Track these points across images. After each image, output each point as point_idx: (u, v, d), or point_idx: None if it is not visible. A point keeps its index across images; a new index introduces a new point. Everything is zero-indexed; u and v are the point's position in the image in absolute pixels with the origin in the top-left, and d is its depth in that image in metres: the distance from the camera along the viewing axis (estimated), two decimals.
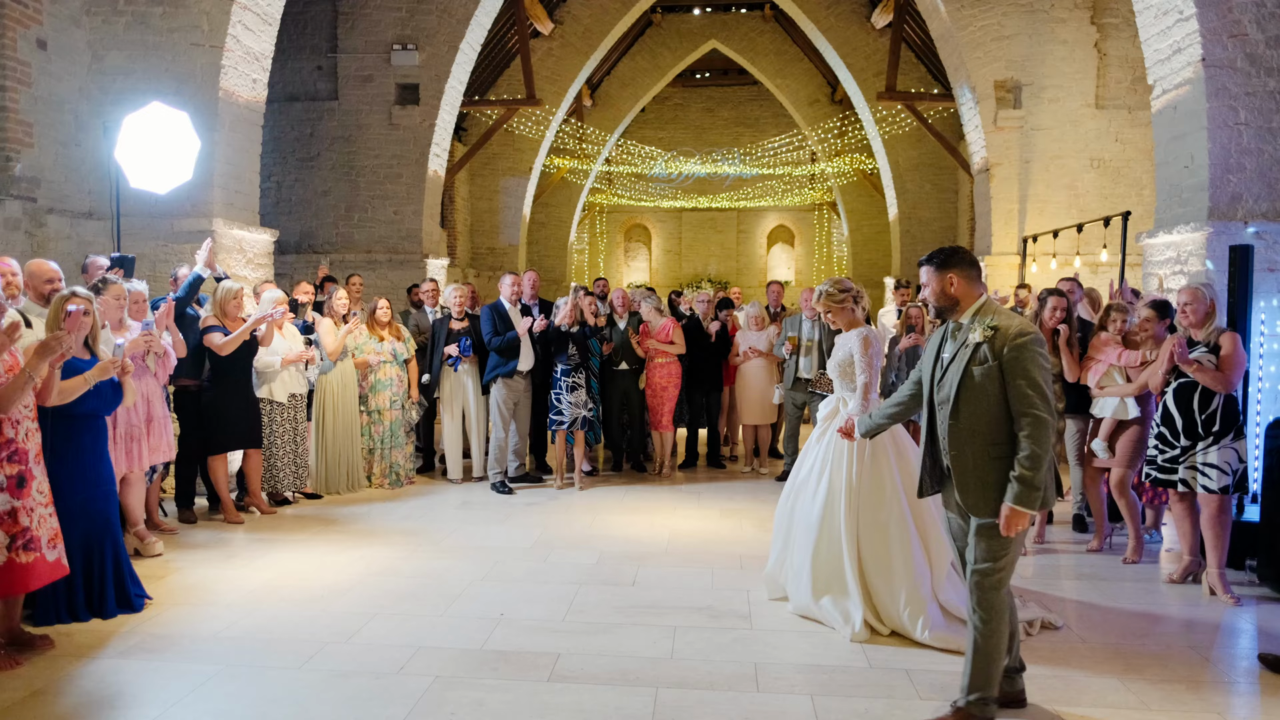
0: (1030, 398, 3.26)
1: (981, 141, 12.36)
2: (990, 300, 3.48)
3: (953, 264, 3.46)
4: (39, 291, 4.92)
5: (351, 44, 12.20)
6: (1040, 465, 3.26)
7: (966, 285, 3.45)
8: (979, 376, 3.35)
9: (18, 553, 3.91)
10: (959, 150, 14.75)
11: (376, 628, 4.50)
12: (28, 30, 6.96)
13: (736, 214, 25.85)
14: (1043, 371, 3.28)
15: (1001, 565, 3.40)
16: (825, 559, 4.65)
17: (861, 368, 4.73)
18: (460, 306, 7.94)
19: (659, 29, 19.88)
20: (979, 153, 12.58)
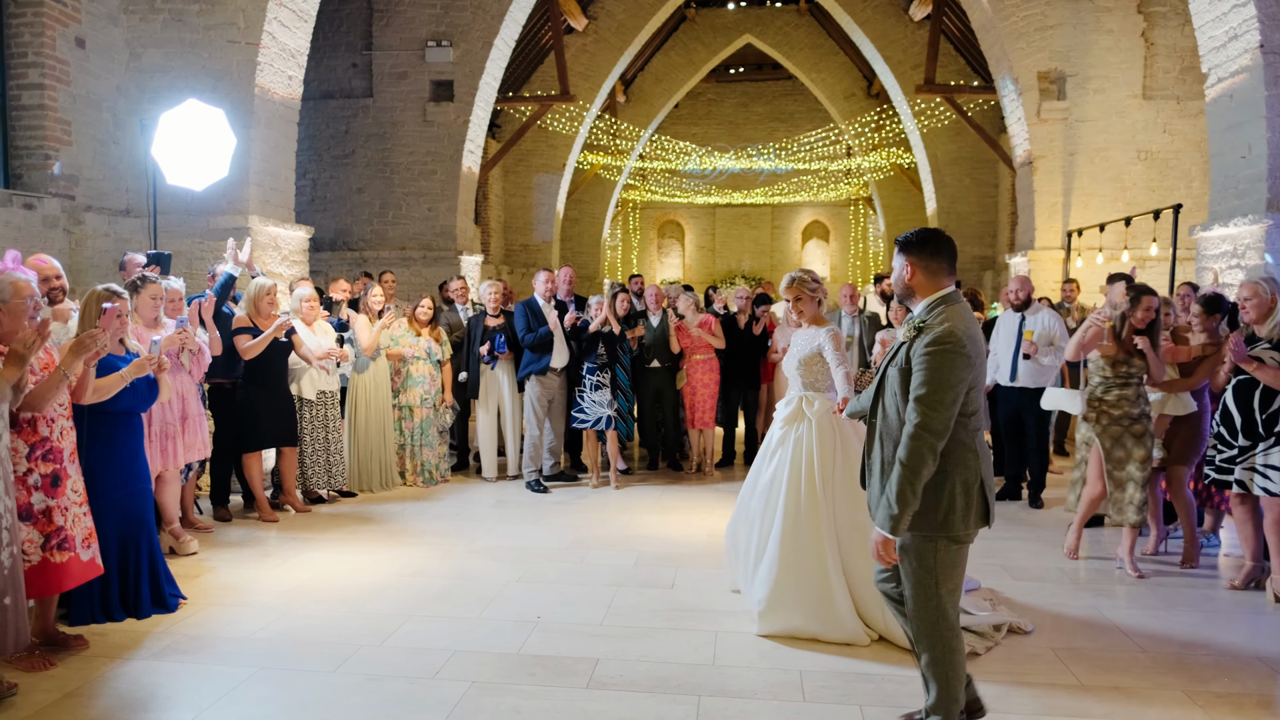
0: (914, 410, 2.93)
1: (1024, 134, 12.07)
2: (954, 296, 3.07)
3: (912, 250, 3.13)
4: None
5: (386, 41, 12.19)
6: (903, 486, 2.93)
7: (924, 276, 3.11)
8: (893, 378, 3.10)
9: (52, 552, 3.88)
10: (999, 143, 14.45)
11: (411, 630, 4.43)
12: (66, 29, 6.99)
13: (771, 210, 25.60)
14: (946, 388, 2.90)
15: (947, 598, 3.07)
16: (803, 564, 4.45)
17: (837, 360, 4.66)
18: (495, 303, 7.87)
19: (693, 24, 19.71)
20: (1021, 145, 12.29)
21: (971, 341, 2.97)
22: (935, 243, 3.13)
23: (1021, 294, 7.28)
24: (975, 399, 3.03)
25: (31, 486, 3.84)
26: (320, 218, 12.08)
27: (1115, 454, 5.41)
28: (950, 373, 2.91)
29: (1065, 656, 4.15)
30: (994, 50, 12.22)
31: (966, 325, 2.99)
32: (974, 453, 3.04)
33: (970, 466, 3.02)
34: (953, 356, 2.92)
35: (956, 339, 2.93)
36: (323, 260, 11.94)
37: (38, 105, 6.84)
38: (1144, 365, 5.39)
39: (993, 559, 5.71)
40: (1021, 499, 7.39)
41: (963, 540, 3.07)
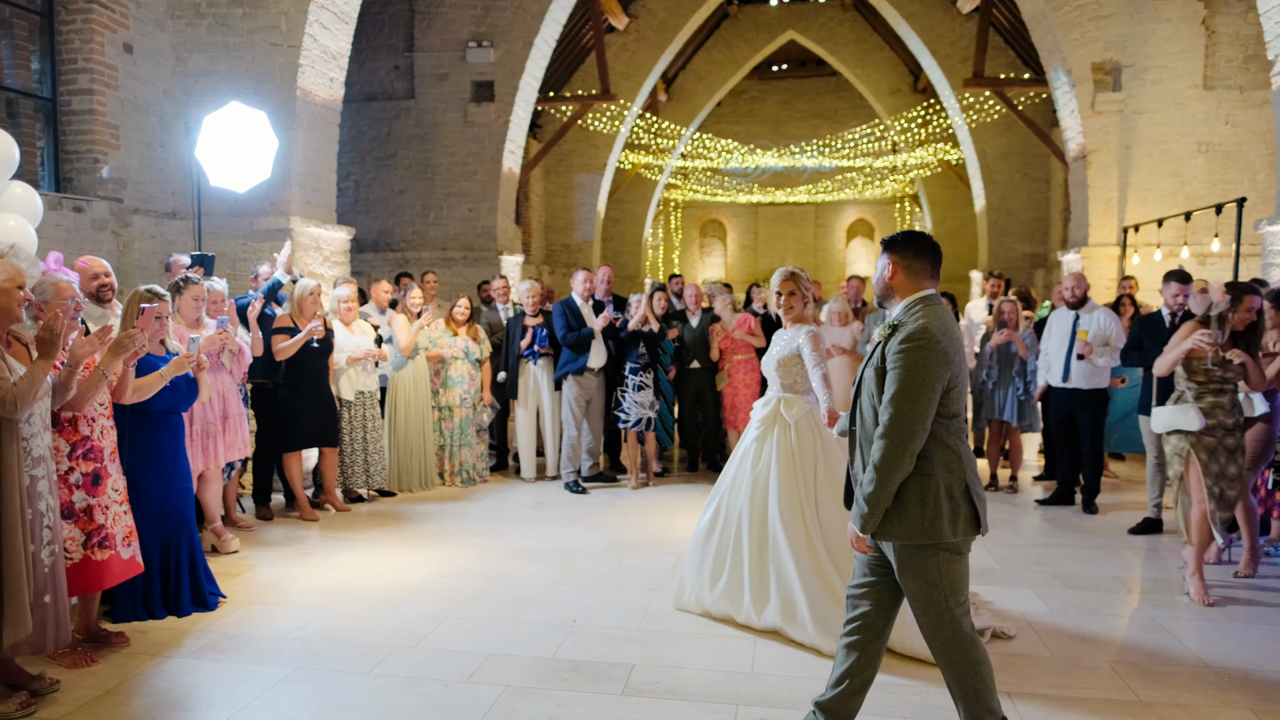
0: (886, 409, 2.84)
1: (1078, 127, 11.74)
2: (934, 298, 2.98)
3: (896, 248, 3.05)
4: (86, 290, 4.87)
5: (428, 43, 12.26)
6: (876, 487, 2.84)
7: (905, 276, 3.02)
8: (869, 379, 3.00)
9: (93, 550, 3.91)
10: (1051, 137, 14.10)
11: (446, 632, 4.39)
12: (115, 35, 7.11)
13: (814, 208, 25.33)
14: (922, 385, 2.80)
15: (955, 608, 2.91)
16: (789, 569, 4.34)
17: (814, 361, 4.52)
18: (533, 304, 7.83)
19: (735, 21, 19.56)
20: (1075, 139, 11.96)
21: (949, 339, 2.87)
22: (920, 243, 3.05)
23: (1077, 291, 7.05)
24: (957, 400, 2.92)
25: (73, 485, 3.88)
26: (363, 219, 12.18)
27: (1212, 467, 4.99)
28: (925, 370, 2.81)
29: (1123, 671, 3.98)
30: (1046, 41, 11.90)
31: (944, 323, 2.90)
32: (957, 455, 2.92)
33: (954, 470, 2.90)
34: (927, 353, 2.82)
35: (931, 335, 2.84)
36: (365, 261, 12.03)
37: (87, 110, 6.96)
38: (1241, 370, 5.01)
39: (1044, 567, 5.52)
40: (1075, 504, 7.16)
41: (960, 550, 2.95)
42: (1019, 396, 7.51)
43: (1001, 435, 7.85)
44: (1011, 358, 7.59)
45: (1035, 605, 4.85)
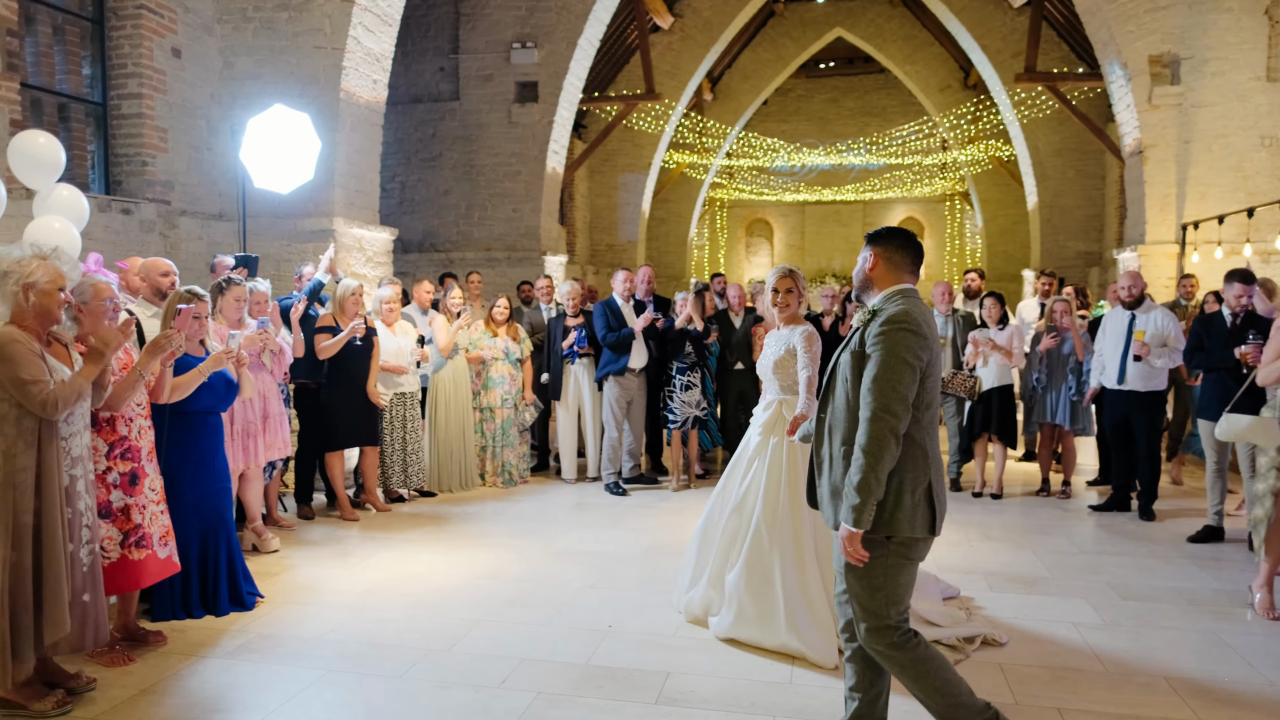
0: (869, 392, 2.80)
1: (1134, 122, 11.36)
2: (911, 292, 2.95)
3: (880, 241, 3.04)
4: (155, 286, 5.02)
5: (472, 44, 12.31)
6: (865, 473, 2.77)
7: (886, 268, 3.01)
8: (845, 363, 2.97)
9: (130, 549, 3.94)
10: (1106, 133, 13.70)
11: (480, 636, 4.35)
12: (163, 40, 7.22)
13: (862, 207, 24.97)
14: (903, 364, 2.77)
15: (893, 608, 2.86)
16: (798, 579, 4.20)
17: (805, 363, 4.41)
18: (574, 304, 7.79)
19: (781, 19, 19.37)
20: (1131, 134, 11.58)
21: (927, 327, 2.87)
22: (904, 239, 3.05)
23: (1134, 291, 6.80)
24: (930, 389, 2.88)
25: (110, 485, 3.91)
26: (408, 220, 12.27)
27: None
28: (907, 351, 2.80)
29: (1181, 688, 3.79)
30: (1101, 34, 11.55)
31: (921, 313, 2.89)
32: (924, 452, 2.87)
33: (919, 466, 2.86)
34: (908, 335, 2.81)
35: (912, 319, 2.84)
36: (410, 262, 12.12)
37: (136, 114, 7.08)
38: None
39: (1098, 575, 5.33)
40: (1130, 510, 6.91)
41: (911, 555, 2.89)
42: (1071, 397, 7.27)
43: (1054, 439, 7.62)
44: (1064, 358, 7.36)
45: (1088, 615, 4.67)
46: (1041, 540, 6.15)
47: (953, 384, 7.39)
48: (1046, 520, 6.71)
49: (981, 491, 7.49)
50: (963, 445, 7.67)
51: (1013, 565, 5.56)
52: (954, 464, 7.77)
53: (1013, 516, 6.83)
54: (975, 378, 7.30)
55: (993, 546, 5.99)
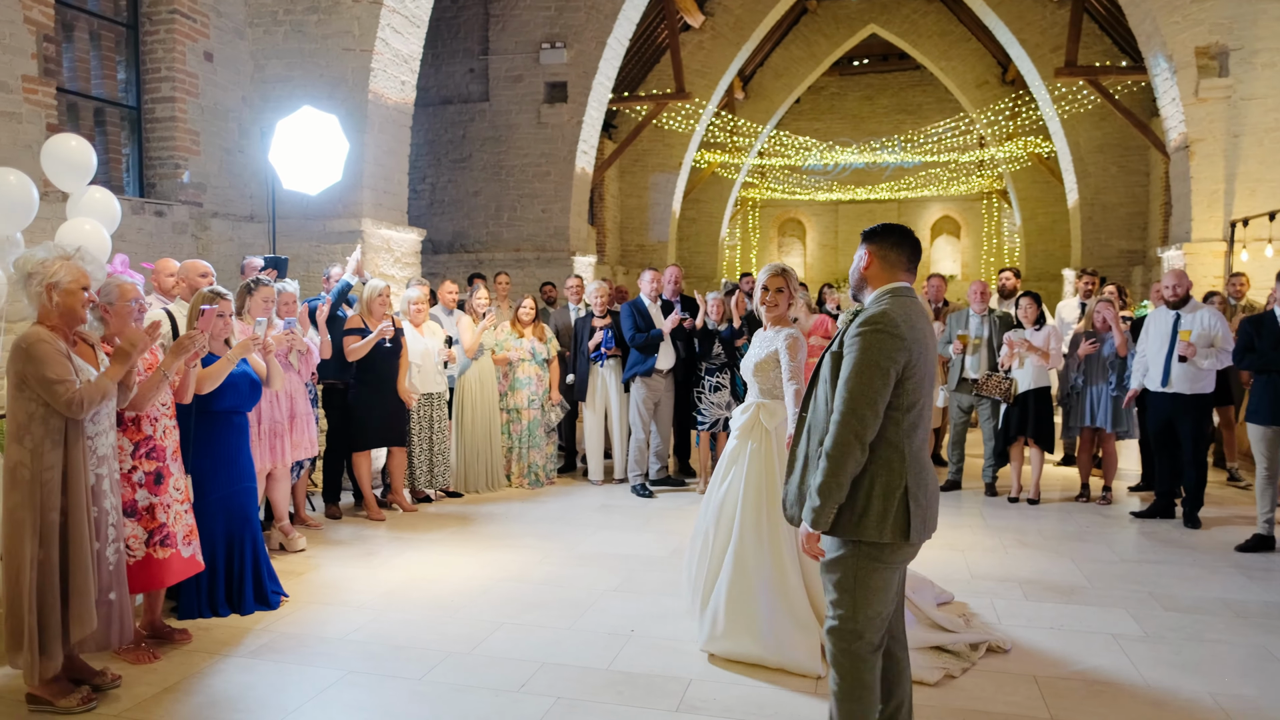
0: (842, 391, 2.74)
1: (1180, 116, 11.06)
2: (904, 290, 2.88)
3: (875, 239, 2.97)
4: (194, 287, 5.09)
5: (502, 45, 12.32)
6: (827, 477, 2.71)
7: (881, 266, 2.93)
8: (826, 364, 2.91)
9: (155, 548, 3.96)
10: (1150, 127, 13.37)
11: (501, 639, 4.31)
12: (196, 44, 7.29)
13: (897, 205, 24.66)
14: (874, 368, 2.70)
15: (858, 616, 2.78)
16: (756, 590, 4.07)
17: (791, 372, 4.24)
18: (601, 304, 7.74)
19: (814, 16, 19.17)
20: (1176, 128, 11.28)
21: (909, 327, 2.77)
22: (899, 235, 2.97)
23: (1179, 290, 6.60)
24: (913, 390, 2.77)
25: (136, 484, 3.93)
26: (438, 221, 12.32)
27: None
28: (880, 354, 2.71)
29: (1229, 705, 3.64)
30: (1145, 26, 11.26)
31: (907, 312, 2.80)
32: (900, 455, 2.76)
33: (895, 470, 2.75)
34: (883, 336, 2.73)
35: (889, 319, 2.75)
36: (440, 263, 12.16)
37: (169, 117, 7.16)
38: None
39: (1139, 585, 5.16)
40: (1175, 517, 6.71)
41: (881, 558, 2.78)
42: (1111, 393, 7.08)
43: (1094, 442, 7.43)
44: (1103, 360, 7.18)
45: (1128, 627, 4.52)
46: (1080, 548, 5.98)
47: (987, 386, 7.24)
48: (1086, 527, 6.53)
49: (1018, 497, 7.32)
50: (998, 449, 7.50)
51: (1049, 573, 5.41)
52: (989, 468, 7.61)
53: (1050, 523, 6.66)
54: (1011, 380, 7.14)
55: (1028, 553, 5.83)
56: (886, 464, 2.75)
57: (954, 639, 4.05)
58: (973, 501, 7.33)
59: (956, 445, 7.78)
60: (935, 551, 5.82)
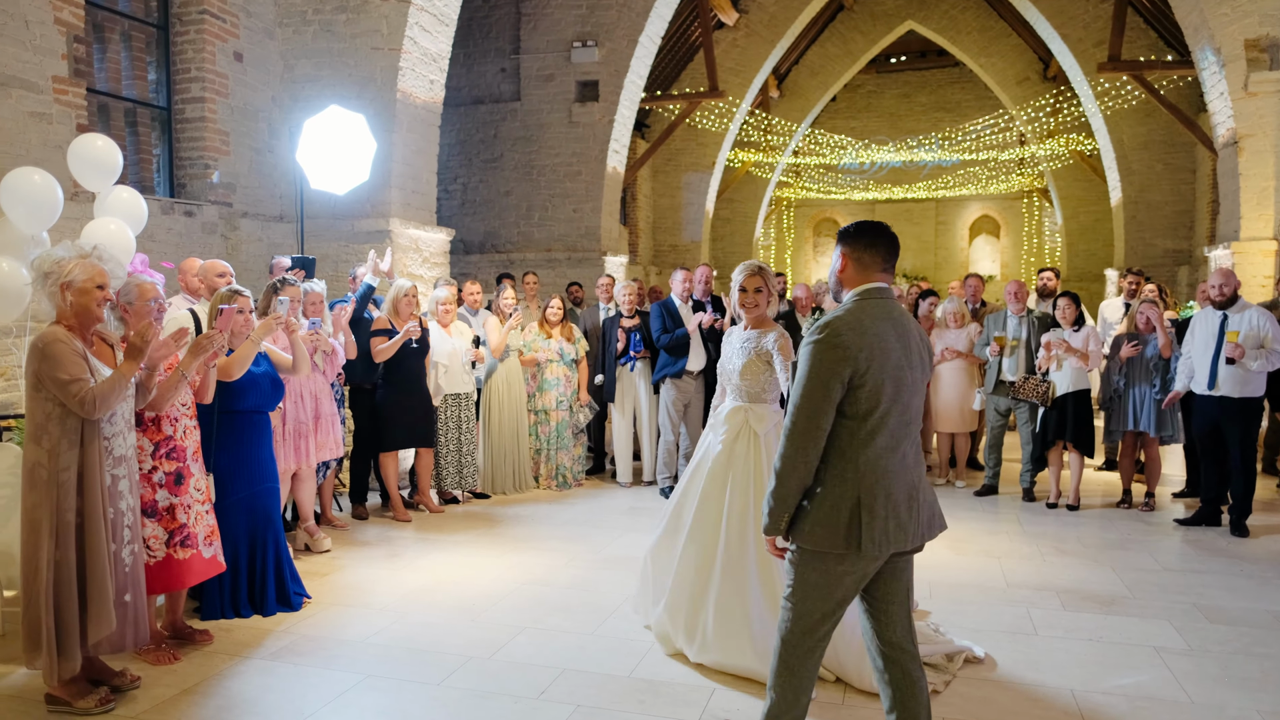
0: (789, 404, 2.73)
1: (1228, 111, 10.73)
2: (876, 292, 2.81)
3: (848, 239, 2.89)
4: (213, 287, 5.08)
5: (533, 44, 12.30)
6: (775, 486, 2.73)
7: (855, 269, 2.86)
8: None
9: (175, 549, 3.94)
10: (1197, 123, 13.00)
11: (523, 643, 4.24)
12: (225, 44, 7.33)
13: (935, 204, 24.30)
14: (814, 381, 2.66)
15: (793, 606, 2.80)
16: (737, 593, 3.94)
17: (786, 375, 4.10)
18: (630, 304, 7.66)
19: (850, 13, 18.93)
20: (1224, 124, 10.95)
21: (858, 335, 2.69)
22: (874, 234, 2.89)
23: (1226, 289, 6.37)
24: (865, 401, 2.70)
25: (156, 484, 3.92)
26: (469, 221, 12.33)
27: None
28: (819, 366, 2.67)
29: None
30: (1192, 18, 10.94)
31: (860, 318, 2.73)
32: (854, 465, 2.71)
33: (847, 480, 2.71)
34: (822, 348, 2.68)
35: (833, 329, 2.70)
36: (471, 263, 12.16)
37: (199, 118, 7.21)
38: None
39: (1183, 595, 4.97)
40: (1221, 525, 6.48)
41: (834, 567, 2.74)
42: (1154, 395, 6.86)
43: (1136, 447, 7.21)
44: (1146, 361, 6.96)
45: (1171, 639, 4.35)
46: (1121, 556, 5.79)
47: (1025, 389, 7.06)
48: (1127, 534, 6.33)
49: (1056, 502, 7.13)
50: (1036, 453, 7.31)
51: (1089, 582, 5.24)
52: (1027, 473, 7.42)
53: (1090, 530, 6.47)
54: (1049, 382, 6.95)
55: (1067, 561, 5.66)
56: (839, 475, 2.72)
57: (930, 651, 3.91)
58: (1009, 507, 7.16)
59: (993, 449, 7.60)
60: (970, 559, 5.69)
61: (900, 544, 2.73)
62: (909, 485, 2.76)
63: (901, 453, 2.75)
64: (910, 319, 2.87)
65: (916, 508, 2.77)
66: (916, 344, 2.82)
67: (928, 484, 2.88)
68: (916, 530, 2.77)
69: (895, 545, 2.72)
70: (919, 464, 2.84)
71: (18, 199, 4.27)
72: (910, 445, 2.79)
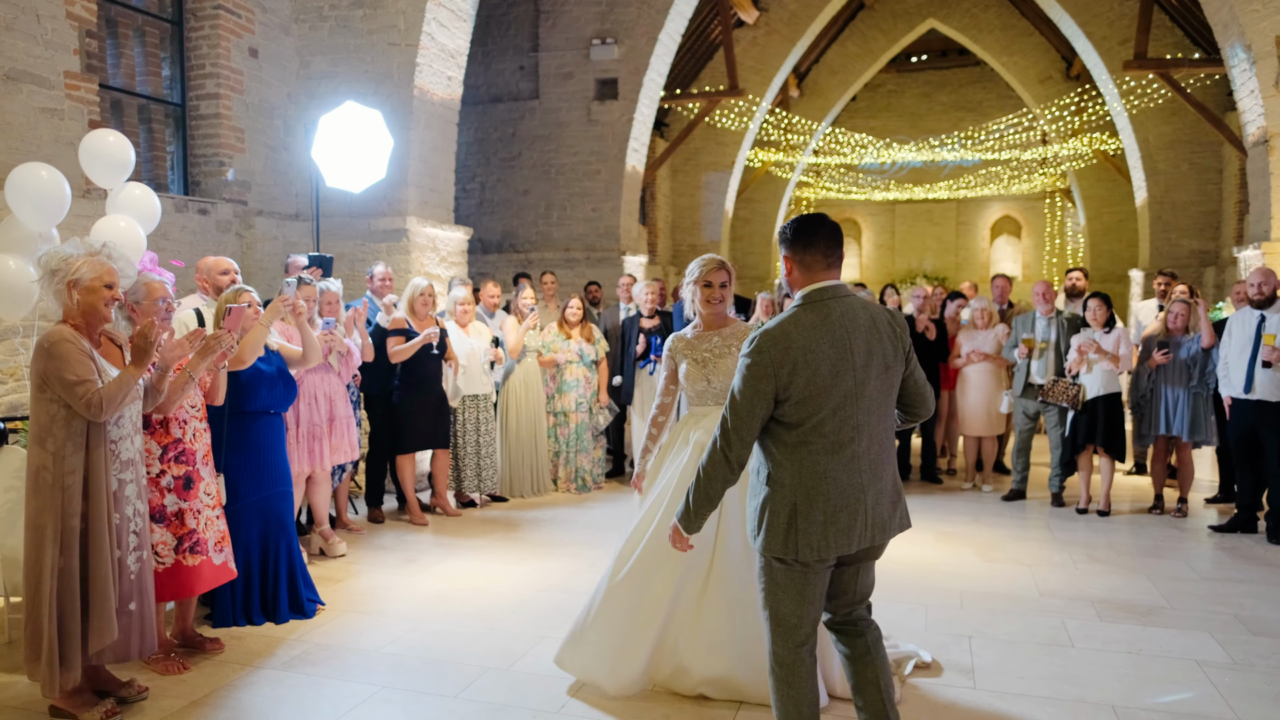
0: (725, 409, 2.73)
1: (1259, 109, 10.49)
2: (821, 293, 2.73)
3: (785, 243, 2.83)
4: (216, 284, 4.91)
5: (552, 42, 12.18)
6: (698, 488, 2.76)
7: (800, 271, 2.79)
8: None
9: (184, 555, 3.84)
10: (1224, 122, 12.75)
11: (542, 653, 4.11)
12: (240, 40, 7.25)
13: (955, 205, 24.05)
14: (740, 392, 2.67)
15: (768, 611, 2.79)
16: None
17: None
18: (650, 304, 7.53)
19: (871, 12, 18.74)
20: (1255, 122, 10.70)
21: (785, 347, 2.63)
22: (808, 232, 2.79)
23: (1265, 288, 6.18)
24: (793, 412, 2.66)
25: (164, 489, 3.81)
26: (488, 220, 12.23)
27: None
28: (746, 376, 2.67)
29: None
30: (1221, 15, 10.71)
31: (787, 330, 2.67)
32: (792, 473, 2.69)
33: (785, 487, 2.70)
34: (748, 360, 2.67)
35: (759, 344, 2.66)
36: (489, 263, 12.07)
37: (214, 114, 7.12)
38: None
39: (1222, 606, 4.80)
40: (1257, 532, 6.29)
41: (789, 571, 2.73)
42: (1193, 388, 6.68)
43: (1168, 451, 7.04)
44: (1180, 364, 6.79)
45: (1214, 652, 4.18)
46: (1156, 564, 5.62)
47: (1054, 392, 6.90)
48: (1160, 541, 6.16)
49: (1086, 508, 6.96)
50: (1065, 458, 7.13)
51: (1124, 592, 5.07)
52: (1056, 477, 7.25)
53: (1122, 536, 6.29)
54: (1079, 385, 6.79)
55: (1100, 570, 5.49)
56: (778, 481, 2.72)
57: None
58: (1038, 513, 7.00)
59: (1021, 453, 7.43)
60: (1000, 566, 5.54)
61: (841, 549, 2.69)
62: (855, 489, 2.69)
63: (848, 455, 2.69)
64: (861, 316, 2.73)
65: (864, 510, 2.71)
66: (865, 342, 2.70)
67: (890, 484, 2.81)
68: (864, 533, 2.72)
69: (836, 550, 2.69)
70: (878, 465, 2.76)
71: (24, 195, 4.17)
72: (865, 446, 2.71)
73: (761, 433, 2.74)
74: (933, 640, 4.31)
